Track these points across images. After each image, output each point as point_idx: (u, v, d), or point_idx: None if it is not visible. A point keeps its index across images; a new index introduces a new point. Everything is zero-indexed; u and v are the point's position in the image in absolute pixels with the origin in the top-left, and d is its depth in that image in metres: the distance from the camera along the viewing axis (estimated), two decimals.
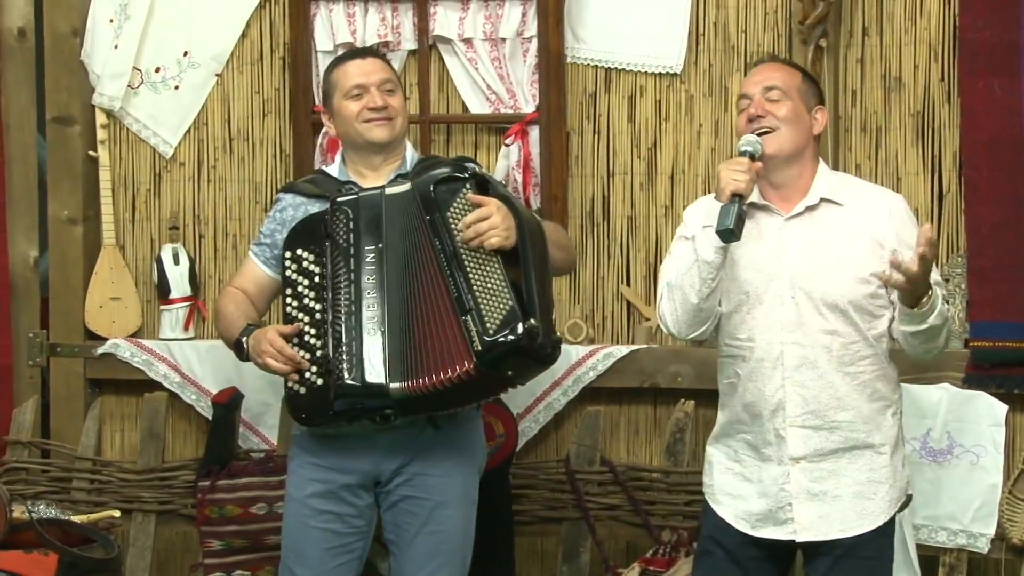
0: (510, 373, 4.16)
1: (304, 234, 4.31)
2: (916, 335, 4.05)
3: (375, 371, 4.14)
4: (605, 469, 5.24)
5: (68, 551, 4.62)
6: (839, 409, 4.08)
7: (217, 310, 4.50)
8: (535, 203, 5.30)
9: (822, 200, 4.15)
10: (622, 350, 5.24)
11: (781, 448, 4.10)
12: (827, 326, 4.07)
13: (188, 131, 5.56)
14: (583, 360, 5.24)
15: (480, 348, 4.07)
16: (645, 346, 5.25)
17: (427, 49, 5.37)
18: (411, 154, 4.51)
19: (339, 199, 4.29)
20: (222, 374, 5.36)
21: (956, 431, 4.99)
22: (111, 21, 5.49)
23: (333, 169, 4.52)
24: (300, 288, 4.27)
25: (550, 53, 5.24)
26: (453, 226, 4.16)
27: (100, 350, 5.49)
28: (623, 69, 5.31)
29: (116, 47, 5.47)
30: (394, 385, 4.13)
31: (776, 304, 4.09)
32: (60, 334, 5.58)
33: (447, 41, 5.36)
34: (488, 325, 4.07)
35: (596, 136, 5.37)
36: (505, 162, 5.34)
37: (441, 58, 5.40)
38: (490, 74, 5.34)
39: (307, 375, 4.20)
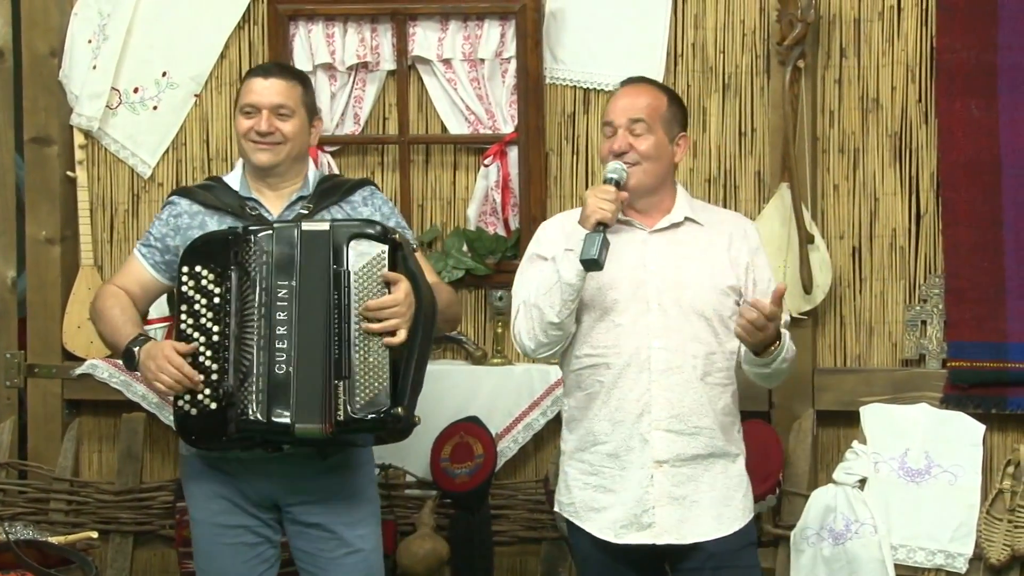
0: (360, 441, 4.28)
1: (205, 252, 4.23)
2: (759, 376, 4.24)
3: (282, 410, 4.13)
4: None
5: (46, 572, 4.60)
6: (701, 415, 4.19)
7: (99, 309, 4.40)
8: (514, 224, 5.31)
9: (685, 219, 4.28)
10: None
11: (645, 452, 4.17)
12: (693, 333, 4.18)
13: (167, 152, 5.55)
14: (561, 381, 5.23)
15: (342, 418, 4.11)
16: None
17: (406, 70, 5.37)
18: (313, 174, 4.47)
19: (254, 229, 4.22)
20: None
21: (934, 451, 5.00)
22: (89, 42, 5.48)
23: (232, 179, 4.46)
24: (196, 306, 4.21)
25: (529, 74, 5.25)
26: (357, 288, 4.15)
27: (78, 371, 5.47)
28: (602, 89, 5.32)
29: (94, 67, 5.46)
30: (299, 426, 4.13)
31: (643, 311, 4.19)
32: (38, 355, 5.56)
33: (426, 62, 5.36)
34: (357, 398, 4.12)
35: (575, 156, 5.37)
36: (484, 182, 5.34)
37: (420, 79, 5.41)
38: (469, 95, 5.34)
39: (200, 397, 4.17)
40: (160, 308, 5.42)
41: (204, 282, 4.21)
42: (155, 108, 5.53)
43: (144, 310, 4.51)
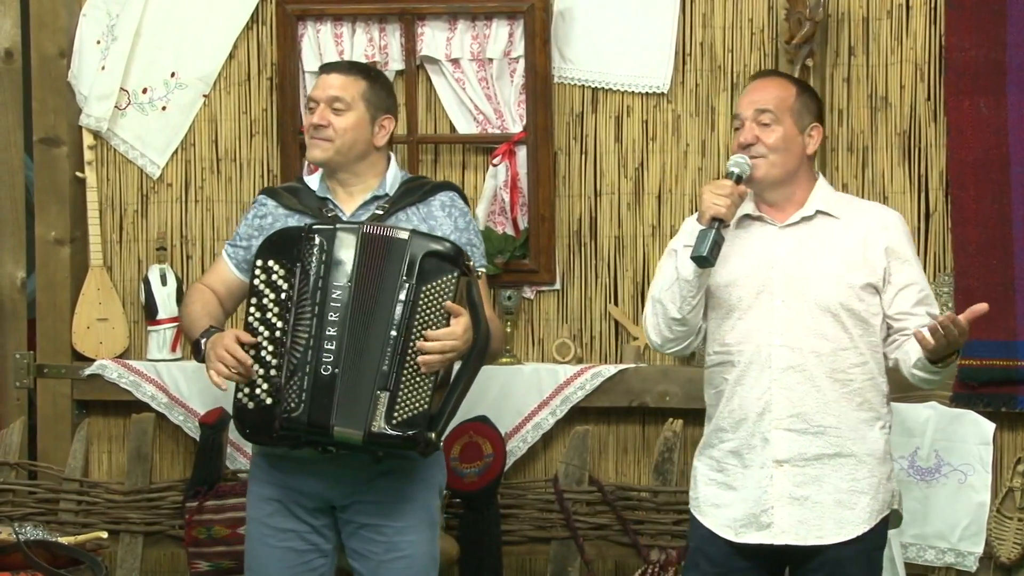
0: (380, 453, 4.22)
1: (278, 246, 4.22)
2: (925, 381, 4.12)
3: (323, 411, 4.12)
4: (594, 489, 5.25)
5: (56, 573, 4.60)
6: (825, 414, 4.09)
7: (184, 306, 4.45)
8: (523, 223, 5.31)
9: (818, 212, 4.17)
10: (610, 369, 5.25)
11: (765, 451, 4.11)
12: (818, 330, 4.08)
13: (175, 152, 5.56)
14: (571, 380, 5.24)
15: (376, 430, 4.11)
16: (633, 365, 5.25)
17: (415, 69, 5.37)
18: (394, 174, 4.43)
19: (316, 226, 4.22)
20: (209, 395, 5.34)
21: (944, 450, 5.00)
22: (98, 42, 5.49)
23: (313, 180, 4.45)
24: (265, 300, 4.20)
25: (537, 73, 5.25)
26: (422, 304, 4.15)
27: (87, 371, 5.48)
28: (610, 89, 5.32)
29: (103, 68, 5.47)
30: (338, 428, 4.13)
31: (767, 308, 4.11)
32: (47, 355, 5.57)
33: (434, 61, 5.36)
34: (396, 414, 4.11)
35: (583, 156, 5.37)
36: (493, 182, 5.34)
37: (429, 78, 5.41)
38: (477, 94, 5.34)
39: (257, 391, 4.17)
40: (169, 308, 5.43)
41: (274, 276, 4.19)
42: (164, 109, 5.53)
43: (231, 309, 4.50)
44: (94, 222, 5.52)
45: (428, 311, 4.14)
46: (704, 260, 3.98)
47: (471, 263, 4.23)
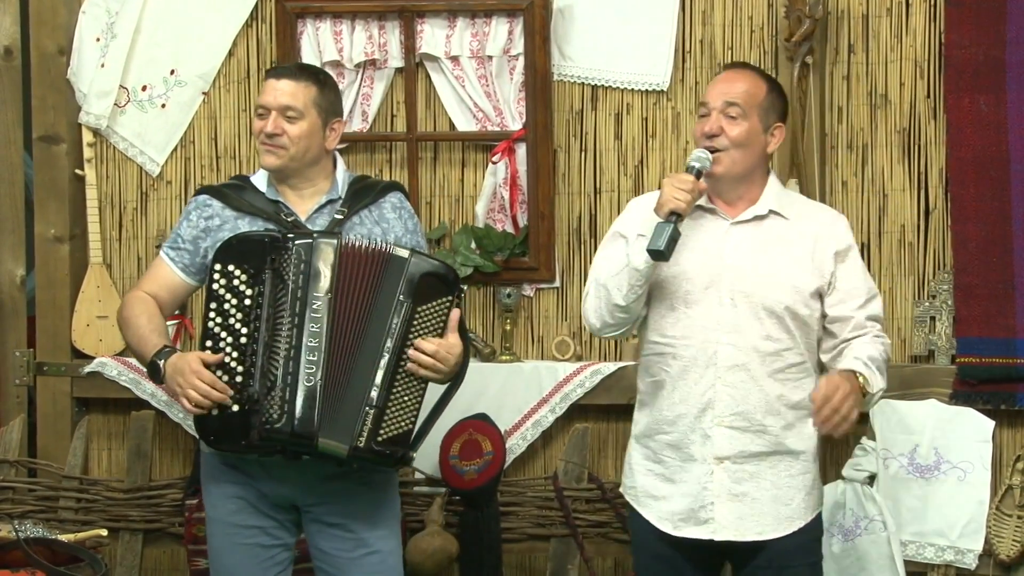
0: (355, 465, 4.23)
1: (239, 252, 4.18)
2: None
3: (307, 422, 4.11)
4: (593, 486, 5.25)
5: (55, 570, 4.61)
6: (765, 413, 4.14)
7: (125, 317, 4.35)
8: (522, 221, 5.31)
9: (770, 211, 4.20)
10: (610, 367, 5.25)
11: (706, 447, 4.14)
12: (763, 330, 4.12)
13: (175, 149, 5.55)
14: (571, 377, 5.24)
15: (361, 445, 4.12)
16: (632, 363, 5.24)
17: (414, 67, 5.37)
18: (342, 176, 4.42)
19: (293, 237, 4.17)
20: None
21: (943, 447, 5.00)
22: (98, 40, 5.48)
23: (259, 180, 4.40)
24: (227, 305, 4.17)
25: (537, 71, 5.24)
26: (416, 324, 4.16)
27: (87, 369, 5.48)
28: (609, 86, 5.32)
29: (103, 66, 5.47)
30: (323, 440, 4.12)
31: (715, 304, 4.13)
32: (47, 353, 5.57)
33: (434, 59, 5.36)
34: (382, 431, 4.14)
35: (583, 153, 5.37)
36: (492, 179, 5.34)
37: (428, 76, 5.41)
38: (477, 92, 5.34)
39: None
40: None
41: (236, 282, 4.17)
42: (163, 106, 5.53)
43: (173, 312, 4.48)
44: (94, 220, 5.52)
45: (423, 331, 4.16)
46: (660, 254, 3.99)
47: (464, 289, 4.24)
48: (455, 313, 4.20)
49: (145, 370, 4.31)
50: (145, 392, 5.43)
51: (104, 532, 5.02)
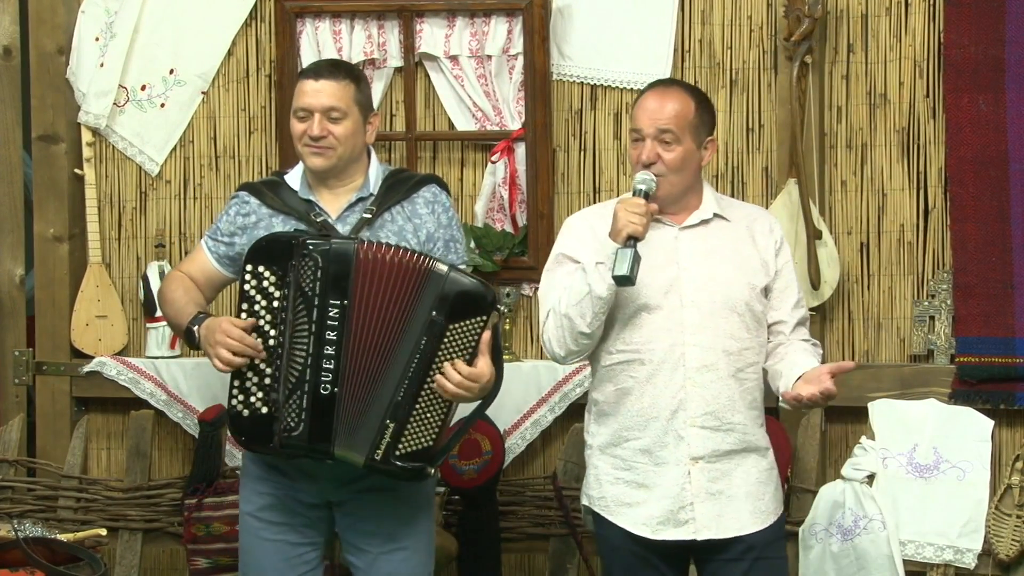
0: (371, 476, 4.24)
1: (268, 252, 4.17)
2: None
3: (324, 432, 4.12)
4: None
5: (54, 570, 4.61)
6: (733, 412, 4.20)
7: (163, 294, 4.41)
8: (521, 220, 5.31)
9: (714, 215, 4.28)
10: None
11: (680, 448, 4.18)
12: (727, 330, 4.19)
13: (174, 149, 5.56)
14: (570, 377, 5.24)
15: (378, 458, 4.13)
16: None
17: (413, 66, 5.37)
18: (376, 171, 4.38)
19: (310, 243, 4.14)
20: (208, 392, 5.35)
21: (943, 447, 5.00)
22: (97, 39, 5.49)
23: (293, 178, 4.39)
24: (257, 307, 4.16)
25: (536, 70, 5.25)
26: (447, 342, 4.12)
27: (86, 368, 5.48)
28: (609, 86, 5.32)
29: (102, 65, 5.47)
30: (339, 451, 4.14)
31: (677, 307, 4.18)
32: (46, 352, 5.57)
33: (433, 58, 5.36)
34: (401, 447, 4.13)
35: (582, 153, 5.37)
36: (491, 179, 5.34)
37: (427, 75, 5.41)
38: (476, 91, 5.34)
39: (252, 399, 4.16)
40: None
41: (265, 283, 4.16)
42: (162, 105, 5.53)
43: (210, 298, 4.46)
44: (93, 219, 5.52)
45: (453, 350, 4.12)
46: (627, 279, 4.01)
47: (501, 308, 4.22)
48: (486, 335, 4.14)
49: (183, 340, 4.33)
50: (144, 392, 5.43)
51: (103, 532, 5.02)
